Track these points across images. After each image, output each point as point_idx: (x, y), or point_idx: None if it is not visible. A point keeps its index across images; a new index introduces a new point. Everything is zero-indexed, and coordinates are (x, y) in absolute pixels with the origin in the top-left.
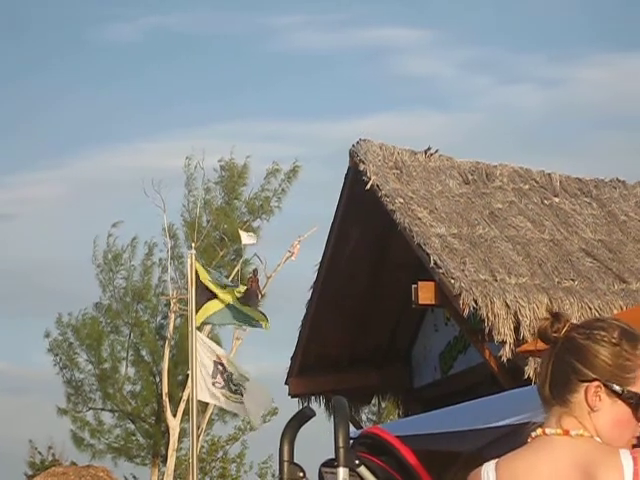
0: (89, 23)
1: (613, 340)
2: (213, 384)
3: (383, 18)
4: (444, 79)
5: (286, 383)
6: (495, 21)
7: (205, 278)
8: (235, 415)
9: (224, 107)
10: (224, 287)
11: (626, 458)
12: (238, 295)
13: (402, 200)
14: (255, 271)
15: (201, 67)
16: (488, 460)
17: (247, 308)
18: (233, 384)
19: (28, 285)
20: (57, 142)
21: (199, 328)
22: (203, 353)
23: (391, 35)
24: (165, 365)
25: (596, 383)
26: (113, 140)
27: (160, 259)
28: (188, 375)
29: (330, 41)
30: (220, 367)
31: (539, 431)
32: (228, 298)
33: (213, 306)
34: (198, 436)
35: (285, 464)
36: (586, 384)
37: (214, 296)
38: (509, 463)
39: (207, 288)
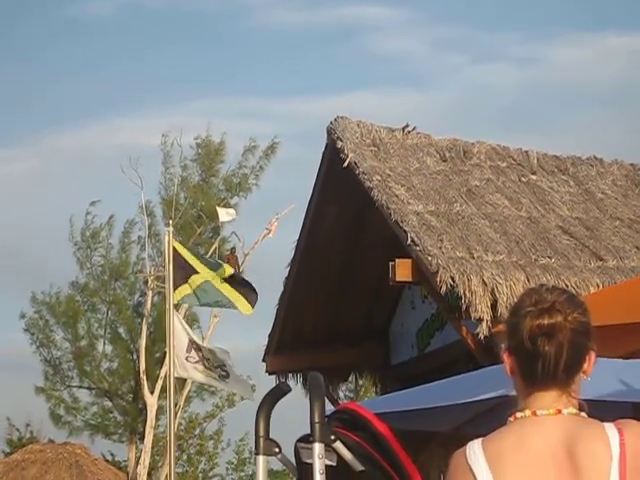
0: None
1: (588, 309)
2: (187, 359)
3: None
4: (420, 57)
5: (263, 360)
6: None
7: (186, 254)
8: (213, 393)
9: (200, 84)
10: (210, 268)
11: (611, 430)
12: (225, 275)
13: (379, 177)
14: (233, 249)
15: (177, 44)
16: (465, 438)
17: (227, 288)
18: (211, 363)
19: (2, 263)
20: (32, 119)
21: (176, 306)
22: (180, 330)
23: (366, 13)
24: (142, 342)
25: (592, 352)
26: (89, 117)
27: (138, 237)
28: (166, 352)
29: (305, 18)
30: (194, 345)
31: (527, 412)
32: (209, 276)
33: (190, 285)
34: (176, 413)
35: (261, 440)
36: (588, 356)
37: (193, 273)
38: (496, 441)
39: (188, 265)
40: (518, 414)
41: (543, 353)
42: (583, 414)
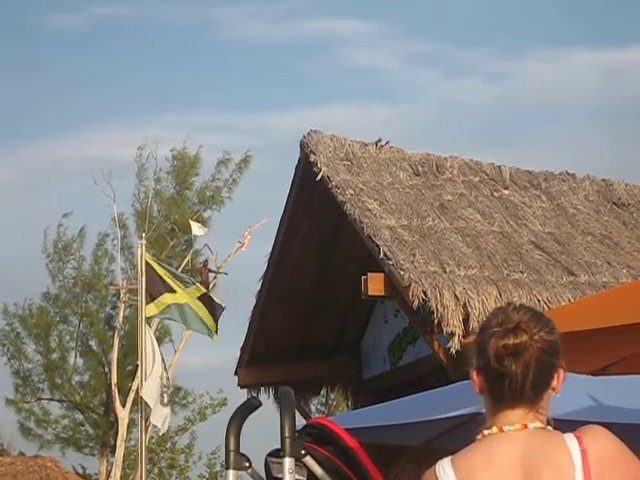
0: (36, 10)
1: (556, 327)
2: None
3: (330, 10)
4: (392, 72)
5: (235, 374)
6: (441, 14)
7: (162, 272)
8: (184, 405)
9: (174, 98)
10: (184, 285)
11: (571, 439)
12: (198, 293)
13: (352, 191)
14: (206, 262)
15: (151, 57)
16: (437, 454)
17: (203, 312)
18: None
19: None
20: (5, 132)
21: (149, 319)
22: (150, 345)
23: (338, 27)
24: (114, 355)
25: (561, 369)
26: (63, 130)
27: (106, 249)
28: (137, 365)
29: (278, 32)
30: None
31: (494, 429)
32: (186, 297)
33: (168, 300)
34: (147, 427)
35: (231, 454)
36: (556, 374)
37: (168, 290)
38: (465, 459)
39: (163, 281)
40: (485, 431)
41: (510, 372)
42: (549, 428)
